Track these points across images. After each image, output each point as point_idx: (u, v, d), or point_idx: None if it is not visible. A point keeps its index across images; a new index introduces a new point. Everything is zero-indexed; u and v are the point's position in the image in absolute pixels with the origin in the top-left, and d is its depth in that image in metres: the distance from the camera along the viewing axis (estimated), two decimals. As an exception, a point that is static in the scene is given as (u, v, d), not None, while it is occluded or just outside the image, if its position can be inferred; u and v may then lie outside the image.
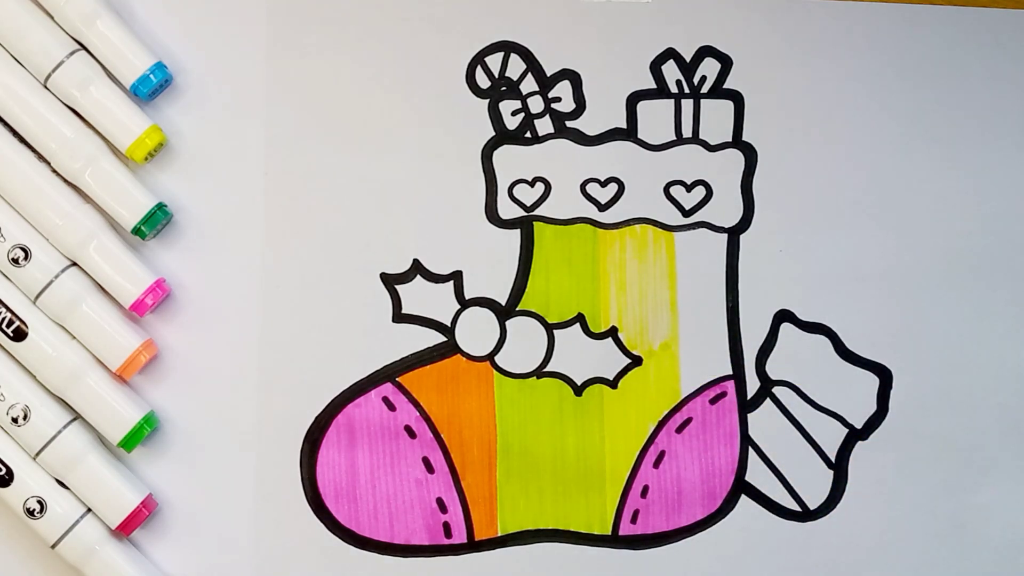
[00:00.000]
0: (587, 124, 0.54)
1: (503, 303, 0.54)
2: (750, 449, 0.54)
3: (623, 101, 0.55)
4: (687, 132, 0.55)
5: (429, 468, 0.54)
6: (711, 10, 0.55)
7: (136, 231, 0.52)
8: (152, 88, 0.52)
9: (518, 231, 0.54)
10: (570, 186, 0.54)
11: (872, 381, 0.55)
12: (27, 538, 0.52)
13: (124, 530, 0.51)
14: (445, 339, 0.54)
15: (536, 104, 0.54)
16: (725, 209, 0.55)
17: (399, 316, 0.54)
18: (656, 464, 0.54)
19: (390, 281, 0.54)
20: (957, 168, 0.55)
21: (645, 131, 0.55)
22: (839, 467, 0.55)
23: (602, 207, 0.54)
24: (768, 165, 0.55)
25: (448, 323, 0.54)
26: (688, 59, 0.55)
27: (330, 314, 0.53)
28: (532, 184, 0.54)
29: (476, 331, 0.54)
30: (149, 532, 0.53)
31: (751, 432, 0.55)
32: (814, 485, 0.55)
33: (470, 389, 0.54)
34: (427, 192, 0.54)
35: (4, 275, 0.51)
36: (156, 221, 0.52)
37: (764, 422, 0.55)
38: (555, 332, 0.54)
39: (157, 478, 0.53)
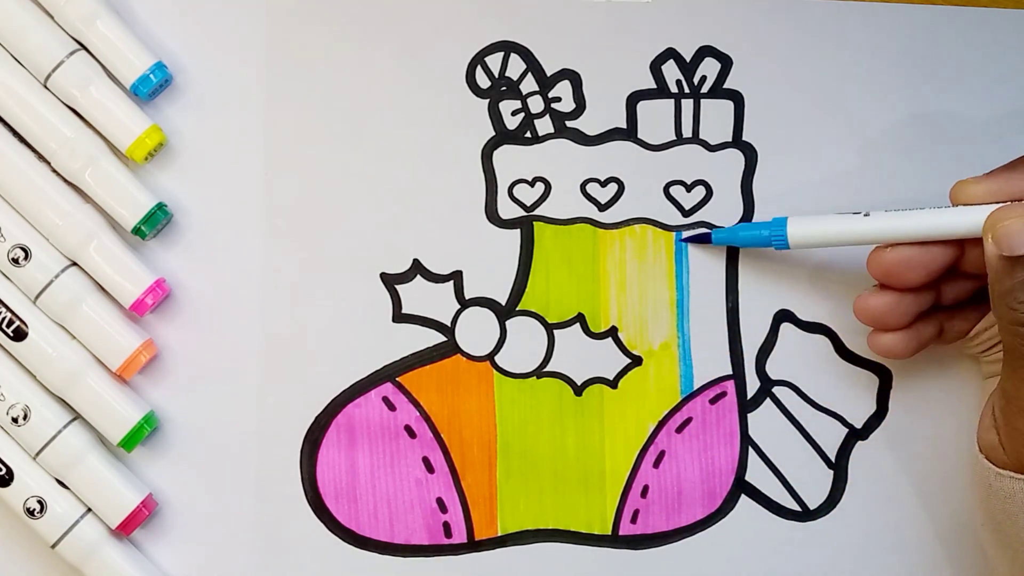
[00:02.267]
0: (587, 124, 0.54)
1: (503, 303, 0.54)
2: (750, 449, 0.54)
3: (623, 101, 0.55)
4: (687, 132, 0.55)
5: (429, 468, 0.54)
6: (711, 10, 0.55)
7: (136, 231, 0.52)
8: (152, 88, 0.52)
9: (518, 231, 0.54)
10: (570, 186, 0.54)
11: (872, 381, 0.55)
12: (27, 538, 0.52)
13: (124, 530, 0.51)
14: (445, 339, 0.54)
15: (536, 104, 0.54)
16: (725, 209, 0.55)
17: (399, 316, 0.54)
18: (656, 464, 0.54)
19: (390, 281, 0.54)
20: (958, 168, 0.55)
21: (645, 131, 0.55)
22: (839, 467, 0.55)
23: (602, 207, 0.54)
24: (768, 165, 0.55)
25: (448, 323, 0.54)
26: (688, 59, 0.55)
27: (330, 314, 0.53)
28: (532, 184, 0.54)
29: (476, 331, 0.54)
30: (149, 532, 0.53)
31: (751, 432, 0.55)
32: (814, 485, 0.55)
33: (470, 389, 0.54)
34: (427, 192, 0.54)
35: (4, 275, 0.51)
36: (156, 221, 0.52)
37: (764, 422, 0.55)
38: (555, 332, 0.54)
39: (157, 478, 0.53)
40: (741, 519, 0.54)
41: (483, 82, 0.54)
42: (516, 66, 0.54)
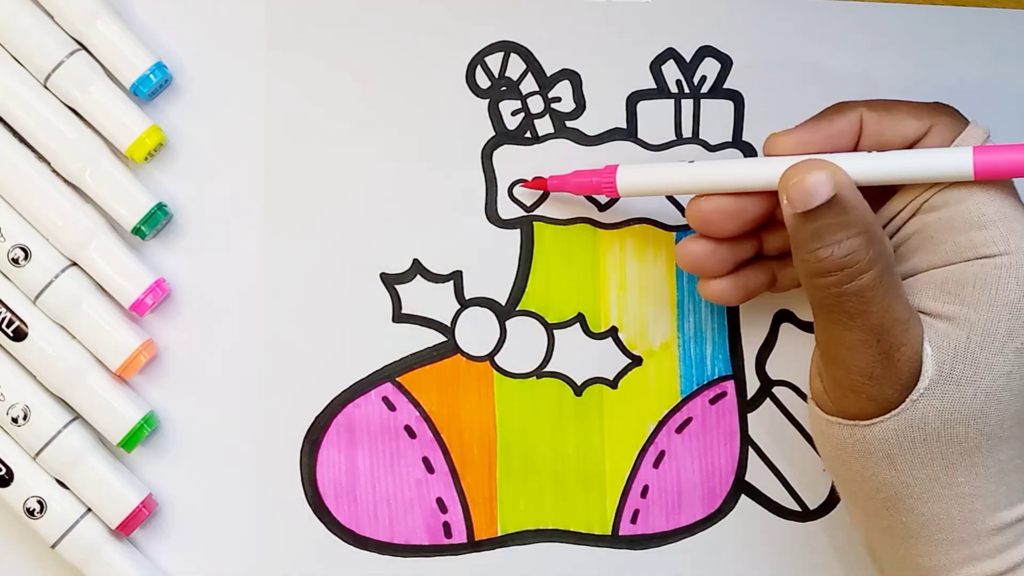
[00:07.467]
0: (587, 124, 0.54)
1: (503, 303, 0.54)
2: (750, 449, 0.54)
3: (623, 101, 0.55)
4: (687, 132, 0.55)
5: (429, 468, 0.54)
6: (711, 10, 0.55)
7: (136, 231, 0.52)
8: (152, 88, 0.52)
9: (518, 231, 0.54)
10: (570, 186, 0.54)
11: (872, 381, 0.55)
12: (27, 538, 0.52)
13: (124, 530, 0.51)
14: (445, 339, 0.54)
15: (536, 104, 0.54)
16: (725, 209, 0.55)
17: (399, 316, 0.54)
18: (656, 464, 0.54)
19: (390, 281, 0.54)
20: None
21: (645, 131, 0.55)
22: (839, 467, 0.55)
23: (602, 207, 0.54)
24: (768, 165, 0.55)
25: (448, 323, 0.54)
26: (688, 59, 0.55)
27: (330, 314, 0.53)
28: (532, 184, 0.54)
29: (476, 331, 0.54)
30: (149, 532, 0.53)
31: (751, 432, 0.55)
32: (814, 485, 0.55)
33: (470, 389, 0.54)
34: (427, 192, 0.54)
35: (4, 275, 0.51)
36: (156, 221, 0.52)
37: (764, 422, 0.55)
38: (555, 332, 0.54)
39: (157, 478, 0.53)
40: (741, 519, 0.54)
41: (483, 82, 0.54)
42: (516, 66, 0.54)
